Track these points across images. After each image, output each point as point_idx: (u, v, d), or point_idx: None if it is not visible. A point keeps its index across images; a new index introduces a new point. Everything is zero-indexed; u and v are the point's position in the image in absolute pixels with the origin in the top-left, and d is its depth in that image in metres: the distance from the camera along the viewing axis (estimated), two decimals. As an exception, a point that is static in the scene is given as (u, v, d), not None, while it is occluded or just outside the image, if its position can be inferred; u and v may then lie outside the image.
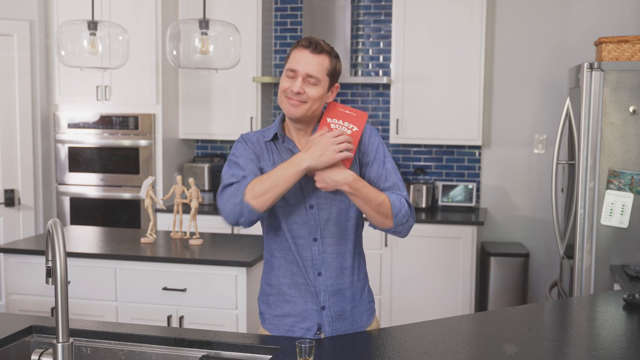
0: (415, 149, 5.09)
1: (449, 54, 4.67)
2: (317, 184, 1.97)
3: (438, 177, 5.07)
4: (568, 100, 3.76)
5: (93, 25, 3.67)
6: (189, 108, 5.10)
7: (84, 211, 5.02)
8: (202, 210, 4.81)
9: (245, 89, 4.98)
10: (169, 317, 3.35)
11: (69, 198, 5.04)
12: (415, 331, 2.10)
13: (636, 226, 3.34)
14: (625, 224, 3.35)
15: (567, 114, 3.75)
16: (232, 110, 5.02)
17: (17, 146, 4.83)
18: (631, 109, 3.33)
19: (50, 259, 1.63)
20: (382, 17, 5.07)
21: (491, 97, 4.95)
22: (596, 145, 3.39)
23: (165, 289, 3.35)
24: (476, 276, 4.65)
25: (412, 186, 4.85)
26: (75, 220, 5.01)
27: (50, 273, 1.63)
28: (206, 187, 5.06)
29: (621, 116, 3.35)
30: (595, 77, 3.37)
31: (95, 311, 3.44)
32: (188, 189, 3.70)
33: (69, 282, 2.98)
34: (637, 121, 3.33)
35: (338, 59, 2.06)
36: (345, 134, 1.99)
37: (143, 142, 4.90)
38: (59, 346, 1.61)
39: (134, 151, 4.91)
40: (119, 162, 4.95)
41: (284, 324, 2.12)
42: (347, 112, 2.06)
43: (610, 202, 3.37)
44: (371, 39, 5.11)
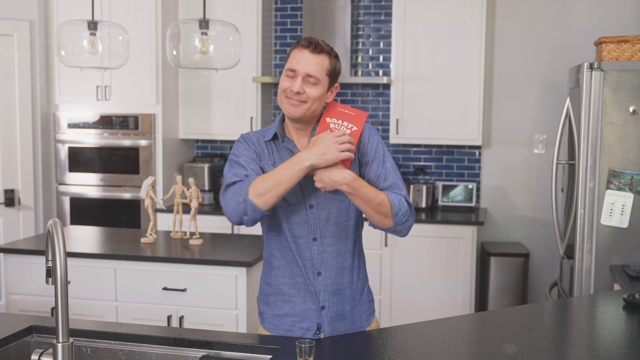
0: (415, 149, 5.09)
1: (449, 54, 4.67)
2: (316, 183, 1.98)
3: (438, 177, 5.07)
4: (568, 100, 3.76)
5: (93, 25, 3.67)
6: (189, 108, 5.10)
7: (84, 211, 5.02)
8: (202, 210, 4.80)
9: (245, 89, 4.98)
10: (169, 317, 3.35)
11: (69, 198, 5.04)
12: (415, 331, 2.10)
13: (636, 226, 3.34)
14: (625, 224, 3.35)
15: (567, 114, 3.75)
16: (232, 110, 5.02)
17: (17, 146, 4.83)
18: (631, 109, 3.33)
19: (50, 259, 1.63)
20: (382, 17, 5.07)
21: (491, 97, 4.95)
22: (596, 145, 3.39)
23: (165, 289, 3.35)
24: (476, 276, 4.65)
25: (412, 186, 4.85)
26: (75, 220, 5.01)
27: (50, 273, 1.63)
28: (206, 187, 5.06)
29: (621, 116, 3.35)
30: (595, 77, 3.37)
31: (95, 311, 3.44)
32: (188, 189, 3.70)
33: (69, 282, 2.98)
34: (637, 121, 3.33)
35: (338, 59, 2.07)
36: (345, 133, 2.00)
37: (143, 142, 4.90)
38: (59, 346, 1.61)
39: (134, 151, 4.91)
40: (119, 162, 4.95)
41: (284, 324, 2.12)
42: (346, 111, 2.07)
43: (610, 202, 3.37)
44: (371, 39, 5.11)
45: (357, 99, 5.16)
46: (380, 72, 5.12)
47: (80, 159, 5.00)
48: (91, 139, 4.98)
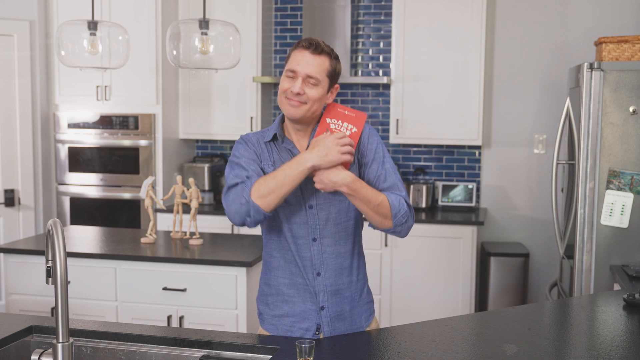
0: (415, 149, 5.09)
1: (449, 54, 4.67)
2: (315, 184, 1.98)
3: (438, 177, 5.07)
4: (568, 100, 3.76)
5: (93, 25, 3.67)
6: (189, 108, 5.10)
7: (84, 211, 5.02)
8: (202, 210, 4.80)
9: (245, 89, 4.98)
10: (169, 317, 3.35)
11: (69, 198, 5.04)
12: (415, 331, 2.10)
13: (636, 226, 3.34)
14: (625, 224, 3.35)
15: (567, 114, 3.75)
16: (232, 110, 5.02)
17: (17, 146, 4.83)
18: (631, 109, 3.33)
19: (50, 259, 1.63)
20: (382, 17, 5.07)
21: (491, 97, 4.95)
22: (596, 145, 3.39)
23: (165, 289, 3.35)
24: (476, 276, 4.66)
25: (412, 186, 4.85)
26: (75, 220, 5.01)
27: (50, 273, 1.63)
28: (206, 187, 5.06)
29: (621, 116, 3.35)
30: (595, 77, 3.37)
31: (95, 311, 3.44)
32: (188, 189, 3.70)
33: (69, 282, 2.98)
34: (637, 121, 3.33)
35: (338, 60, 2.07)
36: (346, 135, 2.00)
37: (143, 142, 4.90)
38: (59, 346, 1.61)
39: (134, 151, 4.91)
40: (119, 162, 4.95)
41: (283, 324, 2.12)
42: (346, 112, 2.07)
43: (610, 202, 3.37)
44: (371, 39, 5.11)
45: (357, 99, 5.16)
46: (380, 72, 5.12)
47: (80, 159, 5.00)
48: (91, 139, 4.98)
